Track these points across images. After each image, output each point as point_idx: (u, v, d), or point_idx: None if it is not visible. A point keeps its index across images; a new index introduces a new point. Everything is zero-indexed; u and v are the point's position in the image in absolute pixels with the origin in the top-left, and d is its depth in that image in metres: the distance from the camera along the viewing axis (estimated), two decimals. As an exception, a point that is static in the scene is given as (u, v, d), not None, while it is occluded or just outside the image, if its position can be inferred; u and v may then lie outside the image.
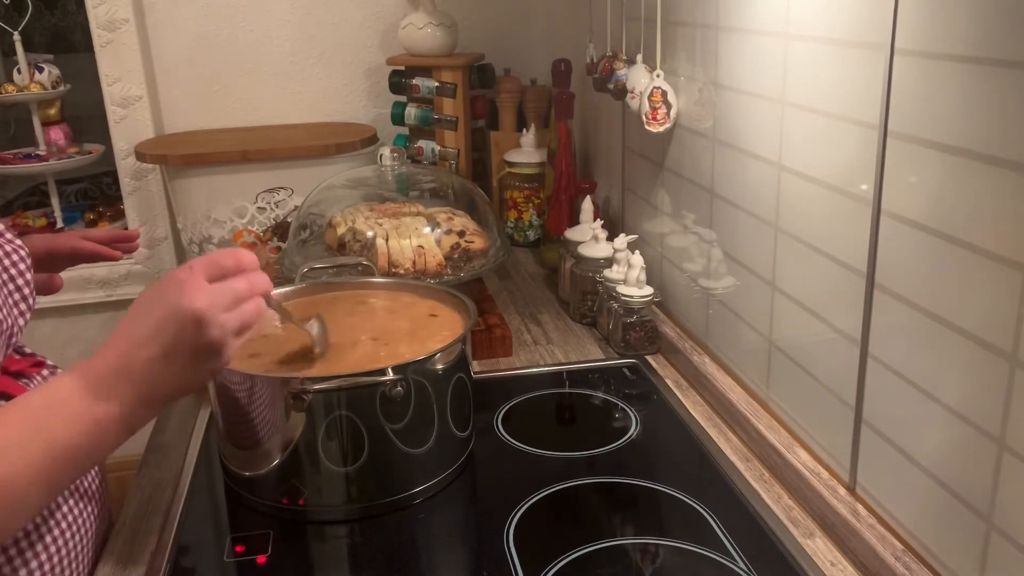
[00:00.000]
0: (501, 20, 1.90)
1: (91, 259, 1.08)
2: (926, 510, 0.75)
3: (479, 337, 1.26)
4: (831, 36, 0.82)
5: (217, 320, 0.64)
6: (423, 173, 1.53)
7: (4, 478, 0.56)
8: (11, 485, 0.57)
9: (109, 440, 0.63)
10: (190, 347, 0.64)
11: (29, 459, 0.58)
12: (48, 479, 0.59)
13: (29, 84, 1.86)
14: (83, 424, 0.61)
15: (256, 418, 0.89)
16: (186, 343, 0.64)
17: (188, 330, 0.63)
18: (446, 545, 0.90)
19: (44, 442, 0.59)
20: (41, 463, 0.59)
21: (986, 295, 0.65)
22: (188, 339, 0.64)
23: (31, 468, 0.58)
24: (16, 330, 0.75)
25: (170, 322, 0.63)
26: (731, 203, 1.07)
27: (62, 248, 1.04)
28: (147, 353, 0.63)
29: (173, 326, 0.63)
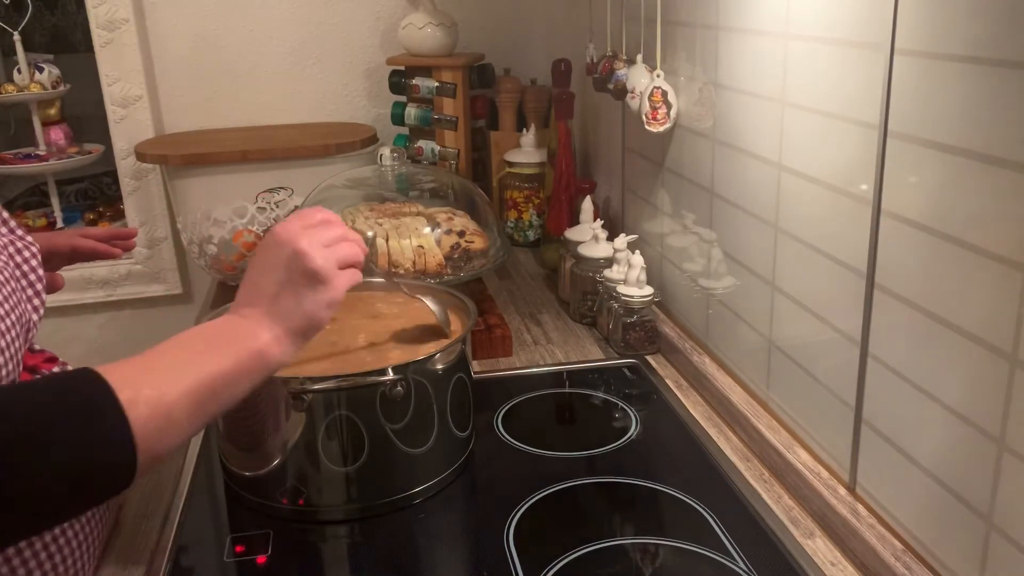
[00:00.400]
0: (501, 20, 1.90)
1: (89, 257, 1.08)
2: (926, 510, 0.75)
3: (479, 337, 1.26)
4: (831, 36, 0.82)
5: (318, 251, 0.74)
6: (423, 173, 1.53)
7: (157, 397, 0.61)
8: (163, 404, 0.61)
9: (252, 373, 0.70)
10: (301, 277, 0.73)
11: (182, 383, 0.63)
12: (196, 404, 0.64)
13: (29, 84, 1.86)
14: (230, 354, 0.68)
15: (256, 418, 0.89)
16: (297, 274, 0.73)
17: (294, 262, 0.73)
18: (446, 545, 0.90)
19: (195, 368, 0.65)
20: (191, 388, 0.64)
21: (986, 295, 0.65)
22: (297, 270, 0.73)
23: (182, 391, 0.63)
24: (32, 324, 0.76)
25: (278, 260, 0.74)
26: (731, 203, 1.07)
27: (61, 246, 1.04)
28: (267, 292, 0.73)
29: (281, 262, 0.74)
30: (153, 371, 0.64)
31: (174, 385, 0.63)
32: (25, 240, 0.79)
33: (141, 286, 1.88)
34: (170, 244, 1.87)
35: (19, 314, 0.73)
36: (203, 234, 1.56)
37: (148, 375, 0.63)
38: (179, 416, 0.63)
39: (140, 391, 0.60)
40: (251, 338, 0.70)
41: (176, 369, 0.65)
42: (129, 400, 0.59)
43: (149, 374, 0.63)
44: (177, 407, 0.62)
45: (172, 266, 1.88)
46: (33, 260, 0.78)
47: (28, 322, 0.75)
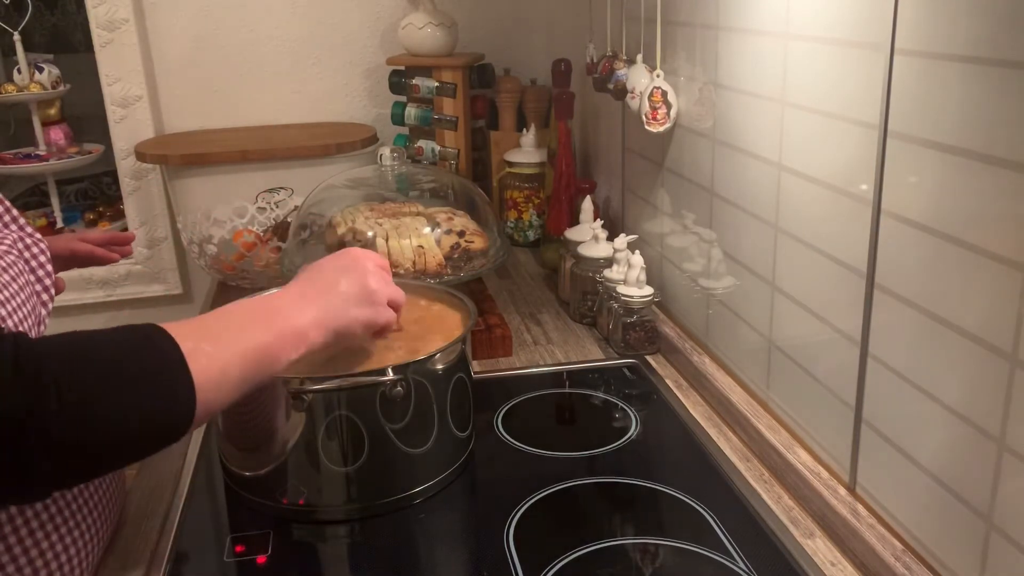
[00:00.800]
0: (501, 20, 1.90)
1: (87, 262, 1.09)
2: (926, 510, 0.75)
3: (479, 337, 1.26)
4: (831, 36, 0.82)
5: (378, 276, 0.85)
6: (423, 173, 1.53)
7: (214, 352, 0.66)
8: (220, 360, 0.66)
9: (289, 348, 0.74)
10: (357, 287, 0.82)
11: (236, 346, 0.69)
12: (245, 367, 0.69)
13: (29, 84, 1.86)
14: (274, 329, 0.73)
15: (256, 418, 0.89)
16: (355, 284, 0.82)
17: (357, 276, 0.83)
18: (446, 545, 0.90)
19: (246, 336, 0.71)
20: (243, 351, 0.69)
21: (986, 295, 0.65)
22: (356, 282, 0.82)
23: (236, 352, 0.68)
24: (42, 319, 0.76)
25: (347, 267, 0.84)
26: (731, 203, 1.07)
27: (60, 250, 1.04)
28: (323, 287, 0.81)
29: (349, 270, 0.83)
30: (211, 330, 0.69)
31: (229, 346, 0.68)
32: (34, 237, 0.81)
33: (141, 286, 1.88)
34: (170, 244, 1.87)
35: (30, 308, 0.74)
36: (203, 234, 1.56)
37: (207, 332, 0.68)
38: (232, 374, 0.67)
39: (199, 344, 0.65)
40: (298, 315, 0.76)
41: (230, 333, 0.70)
42: (190, 351, 0.63)
43: (207, 332, 0.68)
44: (231, 365, 0.67)
45: (172, 266, 1.88)
46: (42, 256, 0.80)
47: (39, 316, 0.76)
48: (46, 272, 0.79)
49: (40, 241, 0.81)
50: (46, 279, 0.79)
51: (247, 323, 0.73)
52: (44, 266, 0.79)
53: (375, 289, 0.83)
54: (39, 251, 0.80)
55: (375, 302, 0.83)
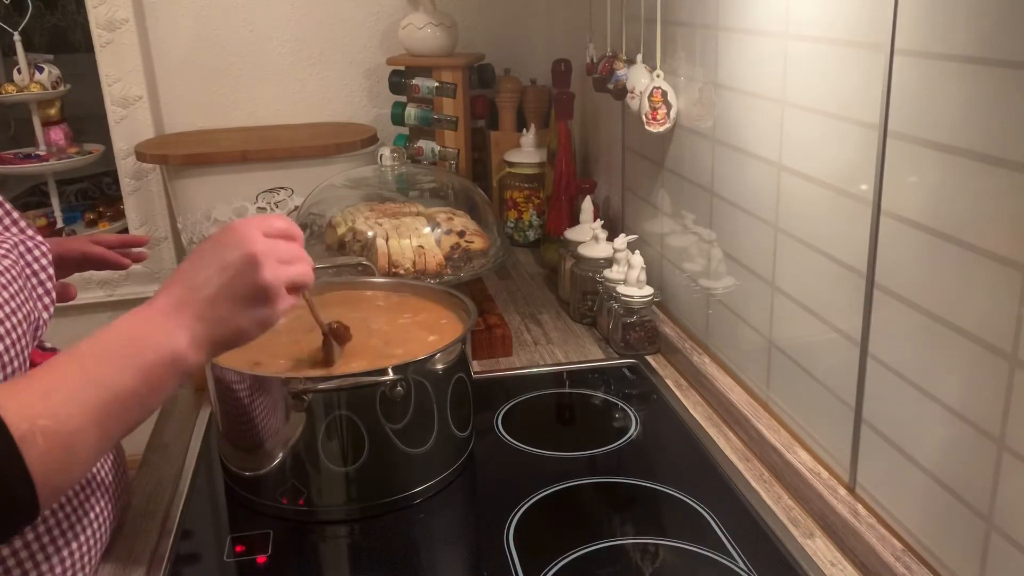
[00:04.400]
0: (501, 20, 1.90)
1: (100, 265, 1.07)
2: (926, 510, 0.75)
3: (479, 337, 1.26)
4: (831, 36, 0.82)
5: (271, 265, 0.67)
6: (423, 173, 1.53)
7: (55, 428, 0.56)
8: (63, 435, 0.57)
9: (160, 385, 0.63)
10: (246, 288, 0.66)
11: (85, 408, 0.58)
12: (101, 428, 0.59)
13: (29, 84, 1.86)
14: (134, 369, 0.62)
15: (256, 418, 0.89)
16: (242, 283, 0.66)
17: (246, 270, 0.66)
18: (446, 545, 0.90)
19: (101, 387, 0.59)
20: (95, 411, 0.59)
21: (986, 295, 0.65)
22: (244, 280, 0.66)
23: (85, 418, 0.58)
24: (41, 322, 0.76)
25: (229, 263, 0.66)
26: (731, 203, 1.07)
27: (72, 253, 1.03)
28: (204, 293, 0.66)
29: (232, 266, 0.66)
30: (53, 394, 0.58)
31: (76, 411, 0.57)
32: (36, 240, 0.80)
33: (141, 286, 1.89)
34: (170, 244, 1.87)
35: (27, 312, 0.73)
36: (203, 234, 1.56)
37: (46, 401, 0.57)
38: (82, 446, 0.58)
39: (36, 422, 0.55)
40: (167, 340, 0.64)
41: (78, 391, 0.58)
42: (24, 435, 0.54)
43: (48, 400, 0.57)
44: (79, 436, 0.57)
45: (172, 266, 1.88)
46: (43, 259, 0.79)
47: (37, 320, 0.76)
48: (48, 275, 0.78)
49: (42, 244, 0.80)
50: (47, 282, 0.78)
51: (101, 369, 0.60)
52: (45, 269, 0.78)
53: (267, 283, 0.67)
54: (40, 254, 0.79)
55: (269, 299, 0.68)
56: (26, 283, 0.75)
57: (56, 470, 0.57)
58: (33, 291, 0.76)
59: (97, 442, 0.59)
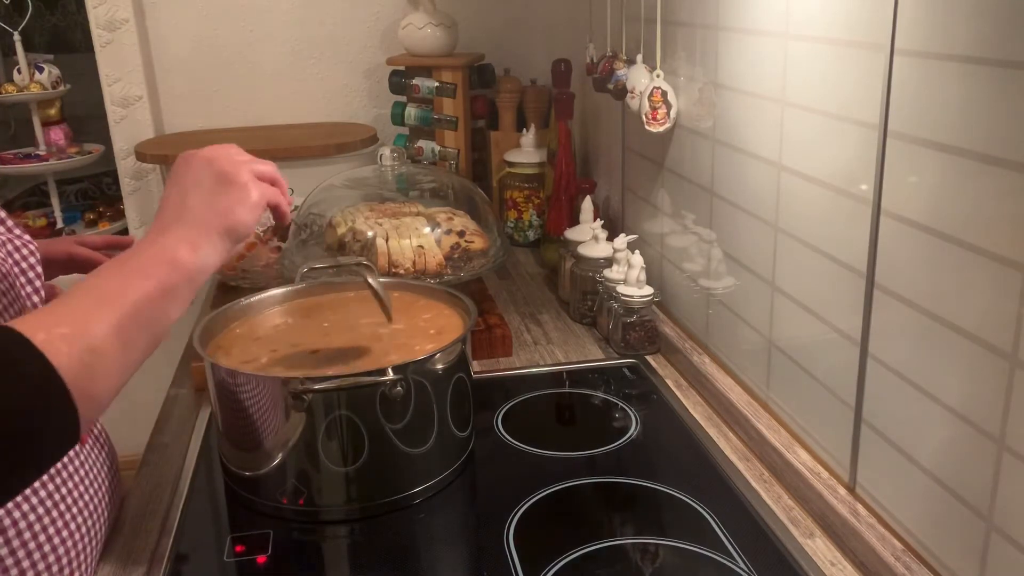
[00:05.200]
0: (501, 20, 1.90)
1: (85, 267, 1.06)
2: (926, 510, 0.75)
3: (479, 337, 1.26)
4: (831, 36, 0.82)
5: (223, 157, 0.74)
6: (423, 173, 1.53)
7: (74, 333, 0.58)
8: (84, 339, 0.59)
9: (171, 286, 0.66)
10: (208, 179, 0.72)
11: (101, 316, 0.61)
12: (122, 332, 0.61)
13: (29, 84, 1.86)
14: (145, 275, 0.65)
15: (256, 418, 0.89)
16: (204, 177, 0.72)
17: (202, 169, 0.73)
18: (446, 545, 0.90)
19: (111, 299, 0.62)
20: (112, 318, 0.61)
21: (986, 295, 0.65)
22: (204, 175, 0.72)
23: (104, 324, 0.60)
24: None
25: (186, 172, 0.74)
26: (731, 203, 1.07)
27: (58, 254, 1.03)
28: (175, 200, 0.72)
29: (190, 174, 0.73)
30: (65, 311, 0.61)
31: (92, 319, 0.60)
32: (23, 239, 0.80)
33: (141, 286, 1.88)
34: (170, 244, 1.86)
35: (17, 311, 0.73)
36: (203, 234, 1.56)
37: (60, 316, 0.60)
38: (107, 348, 0.60)
39: (53, 331, 0.57)
40: (162, 250, 0.67)
41: (91, 305, 0.61)
42: (44, 342, 0.56)
43: (61, 314, 0.60)
44: (101, 340, 0.59)
45: (172, 266, 1.88)
46: (32, 258, 0.79)
47: None
48: (36, 275, 0.78)
49: (30, 243, 0.80)
50: (36, 281, 0.78)
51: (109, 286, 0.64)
52: (34, 268, 0.79)
53: (226, 170, 0.73)
54: (28, 253, 0.79)
55: (234, 180, 0.73)
56: (15, 281, 0.75)
57: (86, 374, 0.58)
58: (22, 290, 0.76)
59: (121, 350, 0.61)
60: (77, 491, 0.79)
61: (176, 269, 0.67)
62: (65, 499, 0.77)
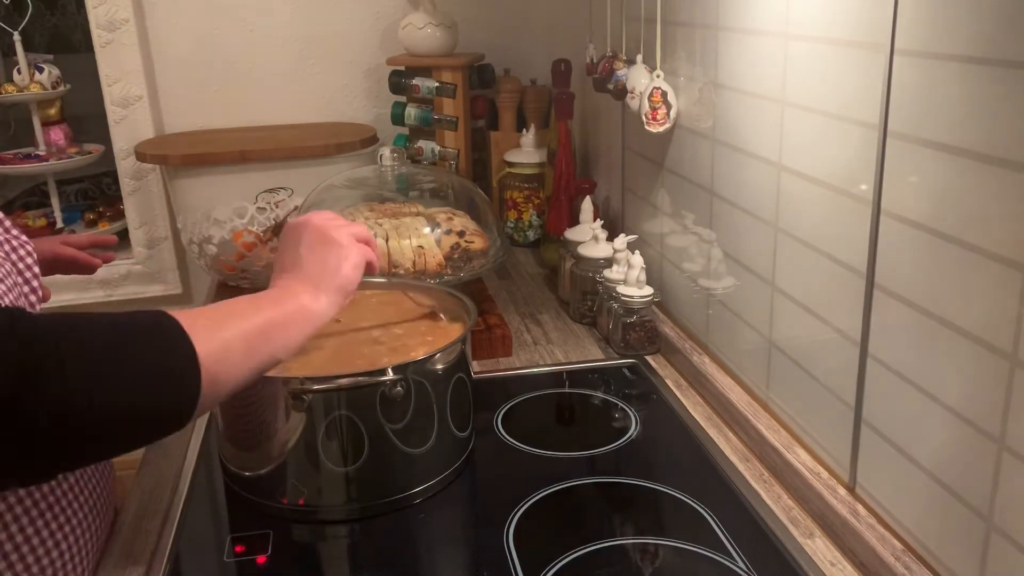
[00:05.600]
0: (501, 20, 1.90)
1: (69, 267, 1.07)
2: (926, 510, 0.75)
3: (479, 337, 1.26)
4: (831, 36, 0.82)
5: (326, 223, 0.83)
6: (423, 173, 1.53)
7: (212, 327, 0.67)
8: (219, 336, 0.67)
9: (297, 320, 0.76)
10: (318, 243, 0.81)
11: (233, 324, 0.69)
12: (249, 341, 0.70)
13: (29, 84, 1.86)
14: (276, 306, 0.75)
15: (256, 418, 0.89)
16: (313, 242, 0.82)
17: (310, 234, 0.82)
18: (446, 545, 0.90)
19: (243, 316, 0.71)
20: (243, 328, 0.70)
21: (986, 295, 0.65)
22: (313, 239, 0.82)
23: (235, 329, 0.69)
24: None
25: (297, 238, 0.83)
26: (731, 203, 1.07)
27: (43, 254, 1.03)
28: (293, 262, 0.81)
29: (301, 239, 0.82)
30: (204, 312, 0.69)
31: (226, 324, 0.69)
32: (20, 239, 0.81)
33: (141, 286, 1.88)
34: (170, 244, 1.87)
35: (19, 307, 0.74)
36: (203, 234, 1.56)
37: (200, 313, 0.68)
38: (235, 348, 0.68)
39: (196, 321, 0.65)
40: (292, 296, 0.77)
41: (225, 314, 0.70)
42: (188, 326, 0.64)
43: (200, 313, 0.69)
44: (232, 340, 0.67)
45: (172, 266, 1.88)
46: (29, 258, 0.80)
47: None
48: (33, 274, 0.80)
49: (27, 243, 0.81)
50: (33, 280, 0.79)
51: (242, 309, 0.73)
52: (31, 268, 0.80)
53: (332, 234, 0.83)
54: (26, 253, 0.80)
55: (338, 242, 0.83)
56: (15, 281, 0.76)
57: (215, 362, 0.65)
58: (21, 289, 0.77)
59: (246, 354, 0.69)
60: (74, 492, 0.79)
61: (299, 308, 0.76)
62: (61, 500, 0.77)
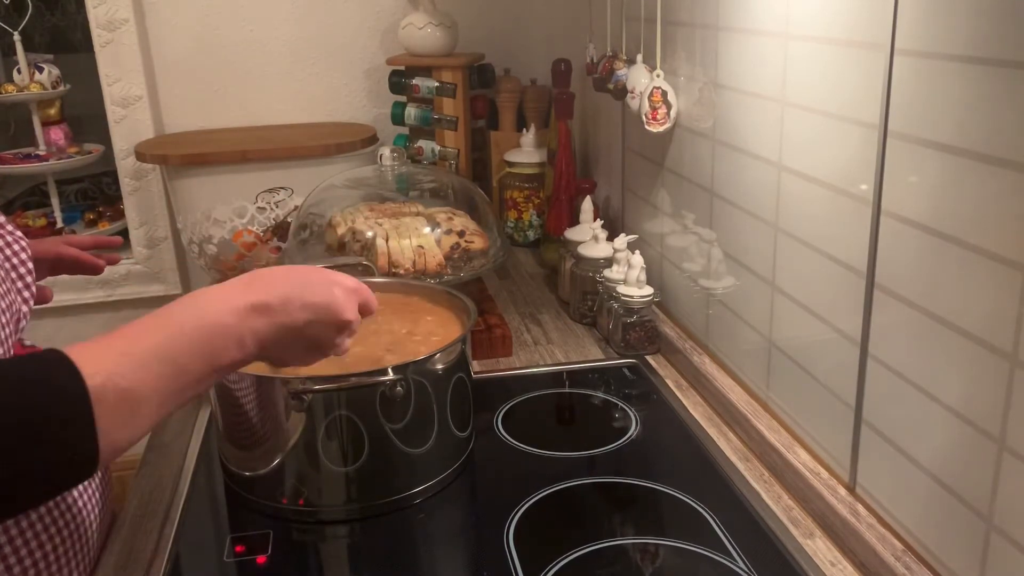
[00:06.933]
0: (501, 20, 1.90)
1: (72, 267, 1.05)
2: (926, 510, 0.75)
3: (479, 337, 1.26)
4: (831, 36, 0.82)
5: (349, 334, 0.75)
6: (423, 173, 1.53)
7: (127, 389, 0.59)
8: (132, 398, 0.59)
9: (213, 378, 0.67)
10: (320, 340, 0.72)
11: (156, 373, 0.61)
12: (162, 396, 0.62)
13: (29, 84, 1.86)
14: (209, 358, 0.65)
15: (256, 418, 0.89)
16: (320, 335, 0.72)
17: (331, 329, 0.72)
18: (446, 545, 0.90)
19: (170, 362, 0.62)
20: (165, 378, 0.61)
21: (986, 295, 0.65)
22: (325, 334, 0.72)
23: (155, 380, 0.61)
24: (22, 315, 0.76)
25: (325, 312, 0.71)
26: (731, 203, 1.07)
27: (46, 254, 1.02)
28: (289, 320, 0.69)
29: (324, 317, 0.71)
30: (130, 356, 0.60)
31: (147, 377, 0.60)
32: (15, 235, 0.80)
33: (141, 286, 1.88)
34: (170, 244, 1.87)
35: (7, 304, 0.73)
36: (203, 234, 1.56)
37: (124, 362, 0.60)
38: (144, 410, 0.60)
39: (111, 379, 0.58)
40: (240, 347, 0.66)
41: (153, 361, 0.61)
42: (98, 388, 0.57)
43: (125, 362, 0.60)
44: (144, 401, 0.60)
45: (172, 266, 1.88)
46: (23, 254, 0.79)
47: (18, 313, 0.76)
48: (27, 270, 0.78)
49: (21, 239, 0.80)
50: (27, 276, 0.78)
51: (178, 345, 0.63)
52: (25, 263, 0.79)
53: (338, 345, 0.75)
54: (20, 248, 0.79)
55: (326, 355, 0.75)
56: (7, 276, 0.75)
57: (119, 427, 0.58)
58: (14, 284, 0.76)
59: (156, 410, 0.62)
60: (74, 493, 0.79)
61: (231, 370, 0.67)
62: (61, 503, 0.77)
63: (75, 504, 0.79)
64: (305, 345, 0.72)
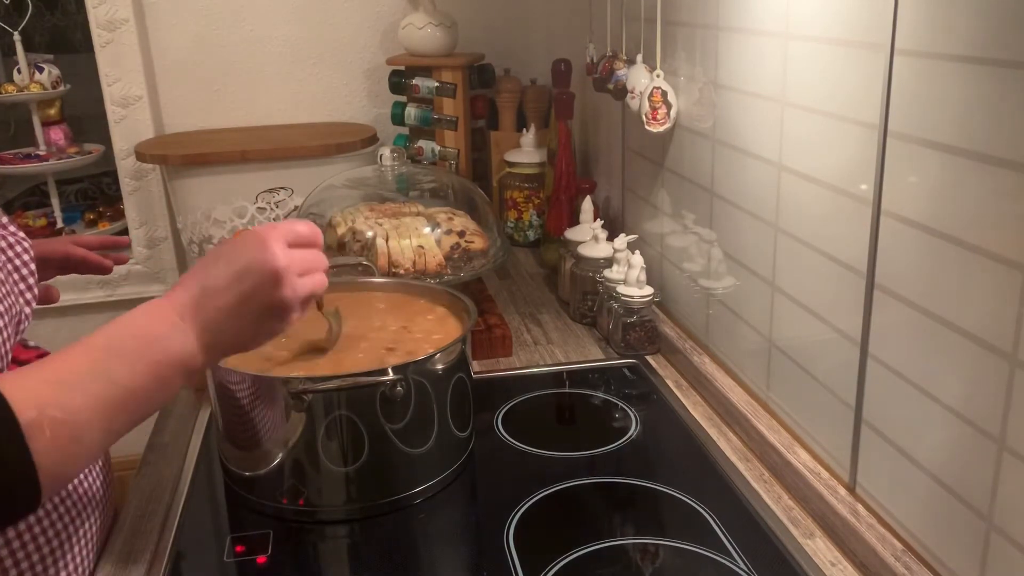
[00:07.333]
0: (501, 20, 1.90)
1: (81, 267, 1.05)
2: (926, 510, 0.75)
3: (479, 337, 1.26)
4: (831, 36, 0.82)
5: (292, 280, 0.67)
6: (423, 173, 1.53)
7: (64, 418, 0.56)
8: (71, 426, 0.56)
9: (168, 385, 0.64)
10: (262, 302, 0.66)
11: (95, 401, 0.58)
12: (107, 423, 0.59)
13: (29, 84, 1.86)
14: (145, 366, 0.62)
15: (256, 418, 0.89)
16: (260, 297, 0.66)
17: (265, 285, 0.65)
18: (446, 545, 0.90)
19: (111, 383, 0.59)
20: (105, 406, 0.59)
21: (986, 295, 0.65)
22: (263, 293, 0.66)
23: (94, 411, 0.58)
24: (23, 317, 0.76)
25: (248, 274, 0.65)
26: (731, 203, 1.07)
27: (54, 254, 1.02)
28: (221, 301, 0.65)
29: (251, 278, 0.65)
30: (63, 384, 0.58)
31: (85, 403, 0.57)
32: (17, 236, 0.80)
33: (141, 286, 1.88)
34: (170, 244, 1.87)
35: (8, 306, 0.73)
36: (203, 234, 1.56)
37: (56, 389, 0.57)
38: (87, 438, 0.58)
39: (45, 411, 0.55)
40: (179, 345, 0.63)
41: (89, 383, 0.58)
42: (31, 423, 0.54)
43: (57, 388, 0.57)
44: (86, 428, 0.57)
45: (172, 266, 1.88)
46: (25, 255, 0.79)
47: (19, 315, 0.75)
48: (29, 271, 0.78)
49: (23, 240, 0.80)
50: (29, 278, 0.78)
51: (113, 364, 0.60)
52: (27, 264, 0.78)
53: (287, 300, 0.67)
54: (22, 250, 0.78)
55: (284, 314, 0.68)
56: (8, 278, 0.75)
57: (60, 460, 0.56)
58: (15, 286, 0.76)
59: (102, 435, 0.59)
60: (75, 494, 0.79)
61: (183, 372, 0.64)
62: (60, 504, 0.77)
63: (78, 503, 0.79)
64: (254, 316, 0.66)
